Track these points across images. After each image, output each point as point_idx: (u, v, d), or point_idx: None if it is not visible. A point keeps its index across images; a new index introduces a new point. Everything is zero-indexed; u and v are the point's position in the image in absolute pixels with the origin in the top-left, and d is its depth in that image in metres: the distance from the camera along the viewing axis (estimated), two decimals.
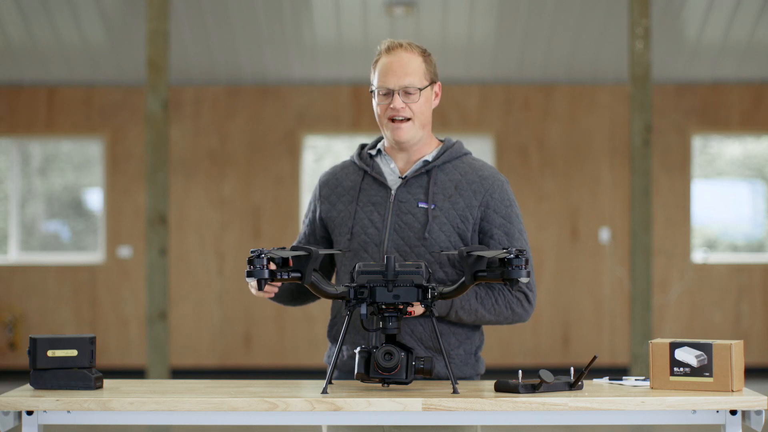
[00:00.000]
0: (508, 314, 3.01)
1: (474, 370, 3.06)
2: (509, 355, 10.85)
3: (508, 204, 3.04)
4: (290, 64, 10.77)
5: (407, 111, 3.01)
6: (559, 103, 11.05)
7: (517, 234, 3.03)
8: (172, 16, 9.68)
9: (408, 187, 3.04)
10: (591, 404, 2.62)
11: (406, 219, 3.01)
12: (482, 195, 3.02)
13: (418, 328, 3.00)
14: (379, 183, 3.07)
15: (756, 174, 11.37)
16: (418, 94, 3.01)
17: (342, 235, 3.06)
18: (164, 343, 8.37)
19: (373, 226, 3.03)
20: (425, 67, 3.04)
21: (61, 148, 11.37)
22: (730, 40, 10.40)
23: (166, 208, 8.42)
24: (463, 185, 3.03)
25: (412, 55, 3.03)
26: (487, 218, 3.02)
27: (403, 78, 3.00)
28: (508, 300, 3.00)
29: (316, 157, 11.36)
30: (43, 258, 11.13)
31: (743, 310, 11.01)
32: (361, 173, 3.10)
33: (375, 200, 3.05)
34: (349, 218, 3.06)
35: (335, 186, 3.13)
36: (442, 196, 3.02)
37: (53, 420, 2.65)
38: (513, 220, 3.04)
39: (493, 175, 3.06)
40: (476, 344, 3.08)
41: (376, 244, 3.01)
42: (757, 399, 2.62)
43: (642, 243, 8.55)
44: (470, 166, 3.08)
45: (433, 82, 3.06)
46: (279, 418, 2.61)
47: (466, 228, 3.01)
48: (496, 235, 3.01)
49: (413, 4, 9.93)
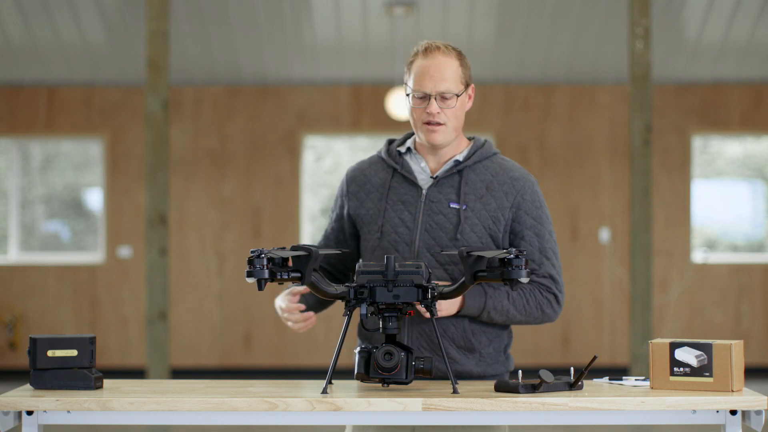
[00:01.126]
0: (538, 315, 3.02)
1: (504, 367, 3.08)
2: None
3: (539, 205, 3.04)
4: (290, 64, 10.77)
5: (442, 116, 2.99)
6: (559, 103, 11.05)
7: (547, 235, 3.03)
8: (172, 16, 9.68)
9: (439, 186, 3.03)
10: (591, 404, 2.62)
11: (437, 219, 3.00)
12: (514, 196, 3.02)
13: (450, 328, 3.00)
14: (409, 181, 3.05)
15: (756, 174, 11.37)
16: (455, 99, 2.98)
17: (372, 233, 3.05)
18: (164, 343, 8.37)
19: (404, 225, 3.02)
20: (461, 71, 3.00)
21: (61, 148, 11.37)
22: (730, 40, 10.40)
23: (166, 208, 8.42)
24: (495, 186, 3.02)
25: (449, 59, 2.99)
26: (518, 219, 3.02)
27: (441, 83, 2.97)
28: (538, 301, 3.00)
29: (316, 157, 11.36)
30: (43, 258, 11.13)
31: (743, 310, 11.01)
32: (390, 170, 3.08)
33: (405, 199, 3.04)
34: (378, 216, 3.05)
35: (363, 182, 3.11)
36: (473, 197, 3.01)
37: (53, 420, 2.65)
38: (543, 221, 3.04)
39: (524, 176, 3.05)
40: (505, 342, 3.09)
41: (407, 244, 3.00)
42: (757, 399, 2.62)
43: (642, 243, 8.55)
44: (501, 166, 3.06)
45: (468, 85, 3.03)
46: (279, 418, 2.61)
47: (498, 229, 3.00)
48: (527, 236, 3.01)
49: (413, 4, 9.93)
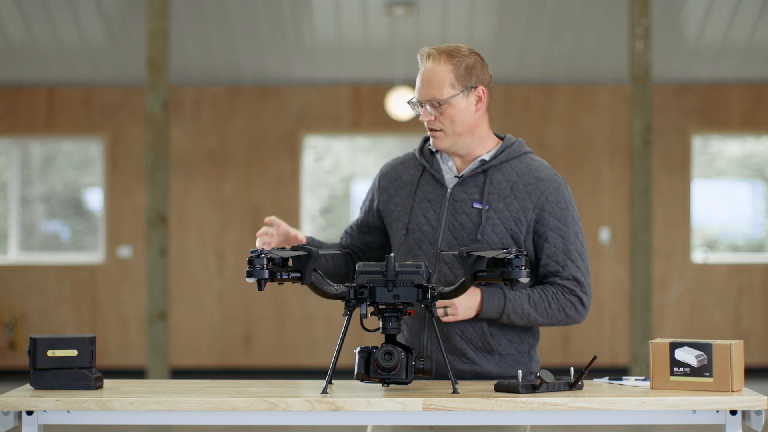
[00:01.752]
0: (561, 317, 2.98)
1: (527, 368, 3.03)
2: None
3: (564, 207, 2.99)
4: (290, 64, 10.77)
5: (438, 123, 2.98)
6: (559, 103, 11.05)
7: (573, 237, 2.99)
8: (172, 16, 9.68)
9: (464, 186, 3.02)
10: (591, 404, 2.62)
11: (460, 219, 2.99)
12: (537, 197, 2.98)
13: (468, 329, 2.99)
14: (437, 180, 3.05)
15: (756, 174, 11.37)
16: (440, 107, 2.96)
17: (398, 229, 3.05)
18: (164, 343, 8.37)
19: (428, 224, 3.01)
20: (454, 76, 2.96)
21: (61, 148, 11.37)
22: (730, 40, 10.40)
23: (166, 208, 8.42)
24: (519, 186, 2.99)
25: (439, 65, 2.96)
26: (542, 221, 2.98)
27: (428, 91, 2.97)
28: (561, 304, 2.97)
29: (316, 157, 11.36)
30: (43, 258, 11.13)
31: (743, 310, 11.01)
32: (420, 168, 3.09)
33: (431, 197, 3.03)
34: (405, 213, 3.05)
35: (394, 179, 3.11)
36: (497, 197, 2.98)
37: (53, 420, 2.65)
38: (569, 222, 2.99)
39: (549, 177, 3.00)
40: (530, 343, 3.05)
41: (431, 242, 3.00)
42: (757, 399, 2.62)
43: (642, 243, 8.54)
44: (528, 166, 3.02)
45: (470, 87, 2.98)
46: (279, 418, 2.61)
47: (519, 230, 2.97)
48: (550, 237, 2.98)
49: (413, 4, 9.93)
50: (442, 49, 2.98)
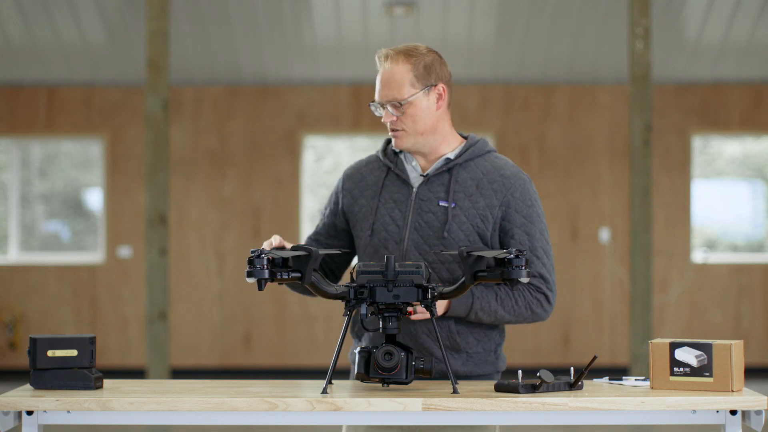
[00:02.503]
0: (528, 314, 3.00)
1: (493, 367, 3.05)
2: (509, 355, 10.80)
3: (530, 203, 3.02)
4: (290, 64, 10.77)
5: (399, 123, 3.00)
6: (559, 103, 11.05)
7: (538, 234, 3.01)
8: (172, 16, 9.68)
9: (429, 185, 3.03)
10: (591, 404, 2.62)
11: (426, 217, 3.00)
12: (503, 194, 3.00)
13: (435, 328, 3.00)
14: (402, 180, 3.06)
15: (756, 174, 11.37)
16: (401, 107, 2.98)
17: (363, 230, 3.06)
18: (164, 343, 8.37)
19: (394, 224, 3.02)
20: (413, 75, 2.97)
21: (61, 148, 11.37)
22: (730, 40, 10.40)
23: (166, 208, 8.42)
24: (485, 184, 3.01)
25: (397, 66, 2.98)
26: (508, 217, 3.00)
27: (388, 93, 2.98)
28: (528, 301, 2.99)
29: (316, 157, 11.36)
30: (43, 258, 11.13)
31: (743, 310, 11.00)
32: (385, 169, 3.09)
33: (397, 197, 3.04)
34: (370, 214, 3.05)
35: (359, 180, 3.12)
36: (462, 195, 3.00)
37: (53, 420, 2.65)
38: (534, 219, 3.02)
39: (515, 174, 3.03)
40: (496, 341, 3.07)
41: (397, 242, 3.01)
42: (757, 399, 2.62)
43: (642, 243, 8.55)
44: (492, 164, 3.05)
45: (430, 86, 3.00)
46: (279, 418, 2.61)
47: (486, 227, 2.99)
48: (516, 234, 2.99)
49: (413, 4, 9.93)
50: (399, 49, 3.00)
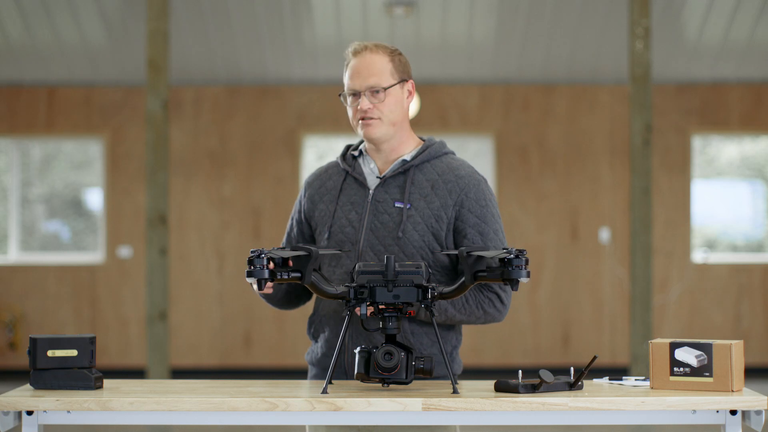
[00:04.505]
0: (480, 314, 2.99)
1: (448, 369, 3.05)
2: (509, 355, 10.85)
3: (484, 204, 3.03)
4: (290, 64, 10.77)
5: (375, 111, 3.04)
6: (559, 103, 11.05)
7: (492, 234, 3.01)
8: (172, 16, 9.68)
9: (385, 186, 3.06)
10: (591, 404, 2.62)
11: (382, 218, 3.02)
12: (457, 194, 3.02)
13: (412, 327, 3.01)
14: (360, 183, 3.09)
15: (756, 174, 11.37)
16: (383, 93, 3.02)
17: (321, 234, 3.08)
18: (164, 343, 8.37)
19: (351, 225, 3.04)
20: (392, 66, 3.04)
21: (61, 148, 11.37)
22: (730, 40, 10.40)
23: (166, 208, 8.42)
24: (440, 185, 3.03)
25: (377, 55, 3.05)
26: (462, 218, 3.01)
27: (368, 79, 3.03)
28: (479, 300, 2.99)
29: (316, 157, 11.36)
30: (43, 258, 11.13)
31: (743, 310, 11.00)
32: (343, 174, 3.13)
33: (354, 200, 3.07)
34: (328, 217, 3.08)
35: (319, 186, 3.16)
36: (418, 196, 3.02)
37: (53, 420, 2.65)
38: (488, 219, 3.02)
39: (469, 174, 3.05)
40: (452, 344, 3.06)
41: (353, 243, 3.03)
42: (757, 399, 2.62)
43: (642, 243, 8.55)
44: (448, 165, 3.07)
45: (404, 80, 3.06)
46: (279, 418, 2.61)
47: (440, 228, 3.00)
48: (469, 234, 3.00)
49: (413, 4, 9.93)
50: (375, 43, 3.08)
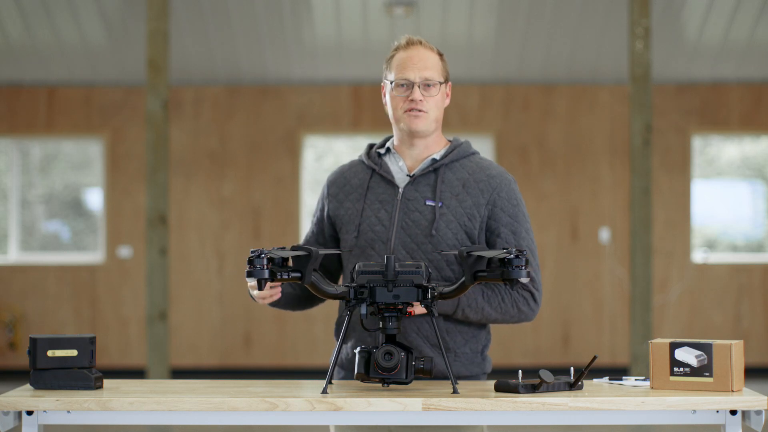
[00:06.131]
0: (515, 312, 3.01)
1: (480, 368, 3.07)
2: (509, 355, 10.85)
3: (516, 203, 3.05)
4: (290, 64, 10.77)
5: (425, 104, 3.04)
6: (559, 103, 11.05)
7: (524, 233, 3.04)
8: (172, 16, 9.68)
9: (416, 185, 3.05)
10: (591, 404, 2.62)
11: (413, 216, 3.02)
12: (490, 193, 3.04)
13: (424, 325, 3.00)
14: (387, 181, 3.08)
15: (756, 174, 11.37)
16: (438, 87, 3.04)
17: (349, 232, 3.06)
18: (164, 343, 8.37)
19: (381, 224, 3.03)
20: (441, 66, 3.08)
21: (61, 148, 11.37)
22: (730, 40, 10.40)
23: (166, 208, 8.42)
24: (471, 183, 3.04)
25: (430, 52, 3.07)
26: (495, 216, 3.03)
27: (424, 71, 3.04)
28: (514, 298, 3.00)
29: (316, 157, 11.36)
30: (43, 258, 11.13)
31: (743, 310, 11.01)
32: (369, 171, 3.11)
33: (382, 198, 3.06)
34: (356, 216, 3.06)
35: (343, 184, 3.13)
36: (449, 194, 3.03)
37: (53, 420, 2.65)
38: (520, 219, 3.05)
39: (501, 174, 3.08)
40: (483, 343, 3.08)
41: (383, 242, 3.01)
42: (757, 399, 2.62)
43: (642, 243, 8.55)
44: (478, 165, 3.09)
45: (447, 81, 3.10)
46: (279, 418, 2.61)
47: (473, 226, 3.01)
48: (503, 233, 3.02)
49: (413, 4, 9.93)
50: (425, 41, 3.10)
